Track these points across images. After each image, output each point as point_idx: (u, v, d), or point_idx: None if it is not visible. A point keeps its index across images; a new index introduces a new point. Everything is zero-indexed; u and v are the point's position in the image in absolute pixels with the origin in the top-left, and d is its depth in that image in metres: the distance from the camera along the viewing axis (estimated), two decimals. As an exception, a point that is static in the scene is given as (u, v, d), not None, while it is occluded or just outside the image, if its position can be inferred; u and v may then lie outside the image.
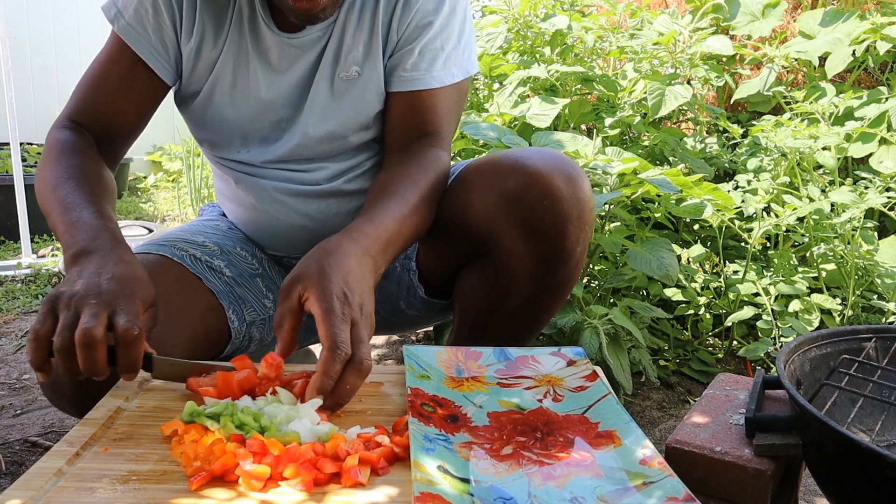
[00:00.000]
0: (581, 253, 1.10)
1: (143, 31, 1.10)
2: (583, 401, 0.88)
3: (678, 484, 0.69)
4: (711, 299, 1.92)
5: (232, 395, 0.83)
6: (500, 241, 1.07)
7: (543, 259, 1.07)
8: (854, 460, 0.82)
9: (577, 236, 1.07)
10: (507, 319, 1.14)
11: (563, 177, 1.04)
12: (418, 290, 1.23)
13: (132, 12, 1.10)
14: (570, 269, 1.10)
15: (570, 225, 1.05)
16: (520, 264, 1.08)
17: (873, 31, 2.21)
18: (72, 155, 1.06)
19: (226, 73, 1.13)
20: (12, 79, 2.70)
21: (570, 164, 1.06)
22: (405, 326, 1.40)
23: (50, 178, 1.03)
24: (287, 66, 1.13)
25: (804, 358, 1.04)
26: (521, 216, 1.05)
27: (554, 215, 1.04)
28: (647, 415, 1.59)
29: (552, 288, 1.12)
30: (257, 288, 1.22)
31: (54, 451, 0.73)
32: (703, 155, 2.23)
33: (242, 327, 1.18)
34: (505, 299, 1.12)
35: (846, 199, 1.76)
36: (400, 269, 1.24)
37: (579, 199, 1.05)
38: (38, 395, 1.65)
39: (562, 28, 2.18)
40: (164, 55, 1.12)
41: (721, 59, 2.52)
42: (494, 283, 1.11)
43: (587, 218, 1.07)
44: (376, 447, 0.75)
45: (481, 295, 1.13)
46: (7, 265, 2.72)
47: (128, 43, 1.10)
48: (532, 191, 1.03)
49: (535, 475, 0.72)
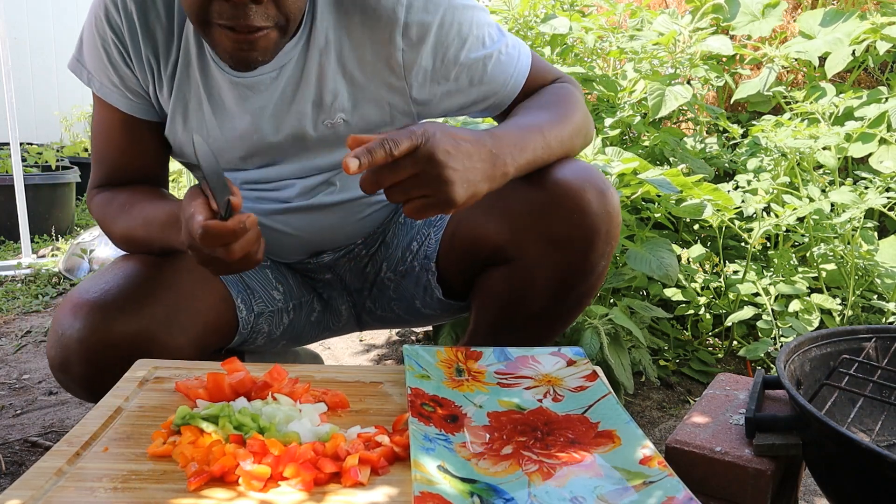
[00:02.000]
0: (604, 267, 1.09)
1: (114, 86, 1.10)
2: (583, 401, 0.88)
3: (678, 484, 0.69)
4: (711, 299, 1.92)
5: (224, 397, 0.83)
6: (525, 252, 1.07)
7: (567, 271, 1.07)
8: (854, 460, 0.82)
9: (602, 251, 1.06)
10: (522, 327, 1.13)
11: (595, 191, 1.03)
12: (436, 292, 1.22)
13: (98, 72, 1.10)
14: (591, 283, 1.09)
15: (598, 239, 1.04)
16: (542, 275, 1.07)
17: (873, 31, 2.21)
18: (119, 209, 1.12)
19: (177, 114, 1.12)
20: (12, 79, 2.70)
21: (600, 178, 1.05)
22: (418, 323, 1.40)
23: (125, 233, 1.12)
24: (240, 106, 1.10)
25: (804, 358, 1.04)
26: (550, 228, 1.04)
27: (583, 229, 1.03)
28: (647, 415, 1.59)
29: (571, 300, 1.11)
30: (266, 279, 1.23)
31: (54, 451, 0.73)
32: (703, 155, 2.23)
33: (251, 317, 1.19)
34: (522, 308, 1.11)
35: (846, 199, 1.76)
36: (419, 268, 1.23)
37: (609, 214, 1.04)
38: (38, 395, 1.65)
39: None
40: (144, 102, 1.12)
41: (721, 59, 2.52)
42: (514, 291, 1.10)
43: (614, 233, 1.07)
44: (376, 447, 0.75)
45: (500, 302, 1.13)
46: (7, 265, 2.73)
47: (108, 102, 1.11)
48: (563, 204, 1.02)
49: (535, 475, 0.72)
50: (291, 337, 1.29)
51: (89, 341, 0.99)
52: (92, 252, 2.67)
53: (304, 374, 0.95)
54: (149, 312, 1.02)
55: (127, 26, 1.06)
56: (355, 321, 1.37)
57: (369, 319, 1.37)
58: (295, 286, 1.28)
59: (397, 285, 1.27)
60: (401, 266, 1.26)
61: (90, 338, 0.99)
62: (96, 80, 1.11)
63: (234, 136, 1.12)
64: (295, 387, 0.86)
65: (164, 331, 1.02)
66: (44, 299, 2.43)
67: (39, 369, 1.80)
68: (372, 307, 1.33)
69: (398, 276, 1.27)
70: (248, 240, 0.91)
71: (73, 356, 0.99)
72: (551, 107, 1.09)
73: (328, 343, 2.03)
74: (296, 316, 1.28)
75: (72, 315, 1.00)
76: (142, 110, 1.13)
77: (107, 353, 0.99)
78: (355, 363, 1.90)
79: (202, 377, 0.87)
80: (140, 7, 1.05)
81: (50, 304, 2.40)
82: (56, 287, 2.59)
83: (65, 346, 1.00)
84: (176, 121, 1.12)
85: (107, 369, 0.96)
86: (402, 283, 1.27)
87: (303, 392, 0.85)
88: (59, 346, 1.01)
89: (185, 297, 1.07)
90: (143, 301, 1.03)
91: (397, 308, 1.30)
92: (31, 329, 2.12)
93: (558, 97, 1.12)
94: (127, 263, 1.09)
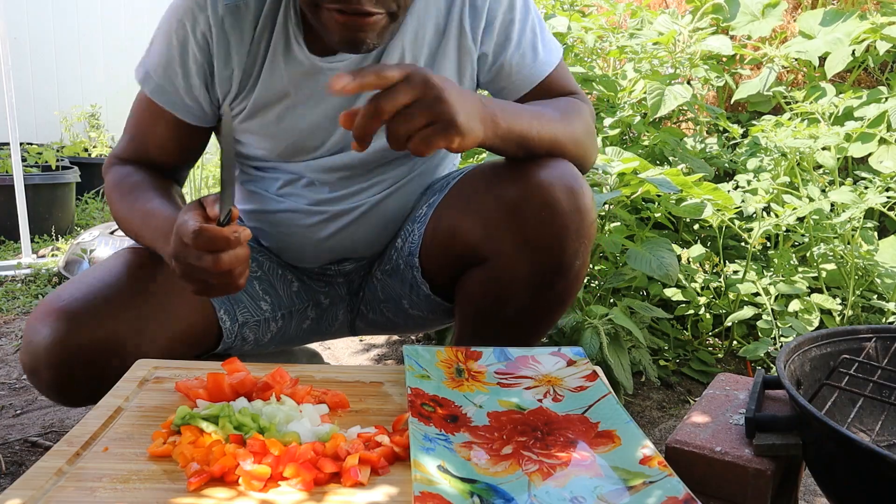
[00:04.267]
0: (580, 265, 1.07)
1: (175, 90, 1.12)
2: (583, 401, 0.88)
3: (678, 483, 0.69)
4: (711, 299, 1.92)
5: (224, 397, 0.83)
6: (498, 249, 1.05)
7: (541, 269, 1.05)
8: (854, 460, 0.82)
9: (575, 249, 1.04)
10: (506, 326, 1.12)
11: (564, 188, 1.01)
12: (422, 287, 1.21)
13: (161, 73, 1.11)
14: (569, 281, 1.08)
15: (568, 237, 1.03)
16: (517, 273, 1.06)
17: (873, 31, 2.21)
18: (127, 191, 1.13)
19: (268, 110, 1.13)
20: (12, 79, 2.70)
21: (571, 175, 1.04)
22: (409, 327, 1.39)
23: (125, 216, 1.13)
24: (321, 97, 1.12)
25: (804, 358, 1.04)
26: (519, 226, 1.02)
27: (552, 227, 1.02)
28: (647, 415, 1.59)
29: (551, 298, 1.09)
30: (253, 290, 1.22)
31: (54, 450, 0.73)
32: (703, 155, 2.23)
33: (234, 327, 1.18)
34: (504, 307, 1.10)
35: (846, 198, 1.76)
36: (404, 265, 1.23)
37: (579, 211, 1.02)
38: (38, 395, 1.65)
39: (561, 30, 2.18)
40: (197, 110, 1.14)
41: (721, 59, 2.52)
42: (493, 290, 1.09)
43: (587, 231, 1.05)
44: (376, 447, 0.75)
45: (481, 301, 1.12)
46: (7, 265, 2.72)
47: (160, 104, 1.13)
48: (531, 201, 1.01)
49: (535, 475, 0.72)
50: (281, 342, 1.30)
51: (55, 348, 0.99)
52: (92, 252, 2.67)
53: (304, 374, 0.95)
54: (118, 319, 1.02)
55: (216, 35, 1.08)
56: (348, 327, 1.37)
57: (362, 325, 1.37)
58: (286, 297, 1.27)
59: (384, 285, 1.27)
60: (387, 265, 1.26)
61: (56, 345, 0.99)
62: (154, 80, 1.12)
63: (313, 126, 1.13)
64: (296, 388, 0.86)
65: (132, 338, 1.02)
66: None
67: (39, 369, 1.80)
68: (364, 311, 1.33)
69: (385, 276, 1.26)
70: (238, 255, 0.89)
71: (40, 362, 1.00)
72: (554, 106, 1.09)
73: (328, 343, 2.03)
74: (285, 324, 1.27)
75: (40, 321, 1.01)
76: (194, 117, 1.14)
77: (73, 359, 0.99)
78: (355, 363, 1.90)
79: (202, 377, 0.87)
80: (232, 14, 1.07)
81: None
82: (56, 287, 2.59)
83: (33, 353, 1.00)
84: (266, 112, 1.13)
85: (74, 374, 0.98)
86: (388, 283, 1.26)
87: (304, 394, 0.85)
88: (28, 353, 1.01)
89: (158, 307, 1.06)
90: (113, 308, 1.02)
91: (386, 310, 1.30)
92: (31, 329, 2.12)
93: (567, 104, 1.12)
94: (105, 269, 1.08)
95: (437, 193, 1.19)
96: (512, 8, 1.12)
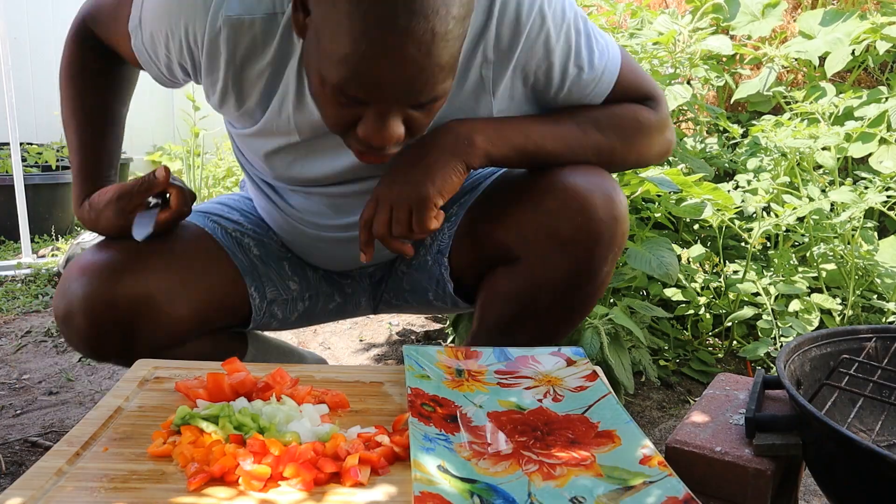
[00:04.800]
0: (608, 272, 1.09)
1: (156, 59, 1.07)
2: (583, 401, 0.88)
3: (678, 483, 0.69)
4: (711, 299, 1.92)
5: (224, 398, 0.83)
6: (532, 251, 1.07)
7: (570, 274, 1.07)
8: (854, 460, 0.82)
9: (606, 255, 1.06)
10: (526, 327, 1.13)
11: (603, 196, 1.04)
12: (448, 286, 1.22)
13: (149, 37, 1.05)
14: (595, 287, 1.10)
15: (602, 243, 1.05)
16: (547, 275, 1.07)
17: (873, 31, 2.21)
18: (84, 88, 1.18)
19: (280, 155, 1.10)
20: (12, 79, 2.70)
21: (610, 184, 1.06)
22: (431, 311, 1.43)
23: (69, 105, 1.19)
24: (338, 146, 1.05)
25: (804, 358, 1.04)
26: (556, 230, 1.04)
27: (588, 233, 1.04)
28: (647, 415, 1.59)
29: (575, 303, 1.11)
30: (283, 271, 1.25)
31: (54, 450, 0.73)
32: (703, 155, 2.23)
33: (263, 304, 1.21)
34: (527, 307, 1.11)
35: (846, 198, 1.76)
36: (431, 262, 1.24)
37: (615, 219, 1.05)
38: (38, 395, 1.65)
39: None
40: (170, 80, 1.12)
41: (721, 58, 2.52)
42: (519, 289, 1.11)
43: (620, 239, 1.07)
44: (376, 447, 0.75)
45: (505, 300, 1.13)
46: (7, 265, 2.72)
47: (137, 59, 1.10)
48: (570, 206, 1.03)
49: (535, 475, 0.72)
50: (306, 320, 1.33)
51: (92, 297, 1.03)
52: (92, 252, 2.67)
53: (304, 374, 0.95)
54: (154, 278, 1.06)
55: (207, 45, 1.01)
56: (372, 309, 1.40)
57: (385, 308, 1.40)
58: (314, 280, 1.30)
59: (411, 278, 1.29)
60: (413, 259, 1.27)
61: (93, 294, 1.03)
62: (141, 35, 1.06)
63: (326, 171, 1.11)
64: (296, 388, 0.86)
65: (166, 298, 1.06)
66: (44, 299, 2.43)
67: (39, 369, 1.80)
68: (388, 297, 1.36)
69: (411, 270, 1.28)
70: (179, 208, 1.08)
71: (75, 309, 1.04)
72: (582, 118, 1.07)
73: (328, 343, 2.04)
74: (311, 304, 1.30)
75: (79, 272, 1.05)
76: (164, 80, 1.13)
77: (108, 311, 1.03)
78: (355, 363, 1.90)
79: (202, 377, 0.87)
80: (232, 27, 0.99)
81: (50, 305, 2.40)
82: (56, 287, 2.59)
83: (69, 300, 1.04)
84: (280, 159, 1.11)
85: (107, 328, 1.03)
86: (414, 276, 1.28)
87: (304, 395, 0.85)
88: (64, 299, 1.05)
89: (194, 271, 1.11)
90: (151, 267, 1.06)
91: (410, 298, 1.32)
92: (31, 329, 2.12)
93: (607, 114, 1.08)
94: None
95: (467, 194, 1.20)
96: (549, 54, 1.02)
